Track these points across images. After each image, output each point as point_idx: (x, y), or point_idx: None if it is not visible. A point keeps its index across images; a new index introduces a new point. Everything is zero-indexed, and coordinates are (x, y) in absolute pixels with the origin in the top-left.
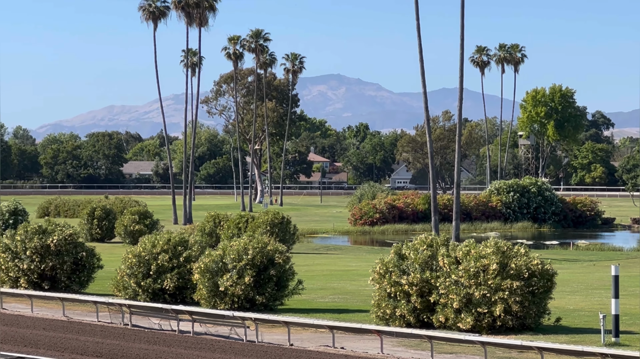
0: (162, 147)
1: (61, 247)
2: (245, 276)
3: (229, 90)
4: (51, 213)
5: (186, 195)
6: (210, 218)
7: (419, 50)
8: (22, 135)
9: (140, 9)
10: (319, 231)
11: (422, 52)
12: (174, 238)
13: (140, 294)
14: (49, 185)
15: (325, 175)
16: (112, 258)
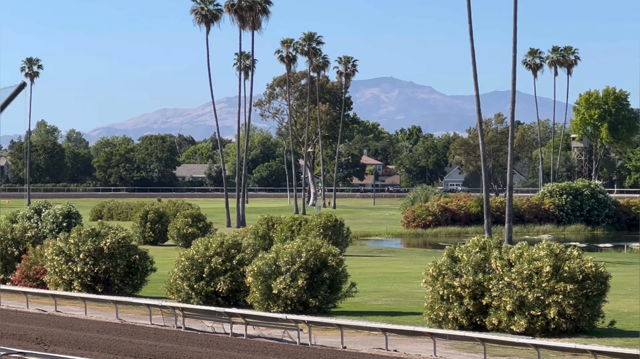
0: (215, 150)
1: (114, 250)
2: (299, 279)
3: (282, 93)
4: (104, 216)
5: (239, 198)
6: (263, 221)
7: (472, 53)
8: (75, 139)
9: (193, 12)
10: (372, 233)
11: (474, 55)
12: (227, 241)
13: (194, 297)
14: (102, 188)
15: (378, 178)
16: (165, 261)
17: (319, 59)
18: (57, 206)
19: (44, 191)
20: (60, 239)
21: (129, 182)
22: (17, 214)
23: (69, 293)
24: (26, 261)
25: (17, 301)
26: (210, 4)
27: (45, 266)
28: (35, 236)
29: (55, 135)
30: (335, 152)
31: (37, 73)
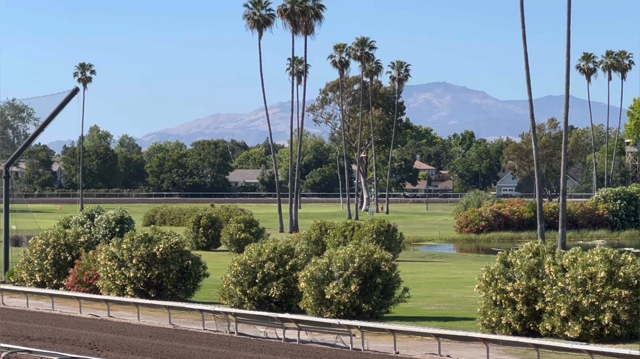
0: (267, 155)
1: (167, 255)
2: (351, 284)
3: (334, 98)
4: (157, 221)
5: (292, 203)
6: (316, 226)
7: (525, 57)
8: (128, 144)
9: (245, 17)
10: (425, 239)
11: (527, 60)
12: (279, 246)
13: (246, 302)
14: (155, 193)
15: (431, 183)
16: (218, 267)
17: (371, 63)
18: (110, 211)
19: (97, 197)
20: (113, 244)
21: (182, 187)
22: (70, 219)
23: (121, 298)
24: (79, 266)
25: (70, 306)
26: (262, 9)
27: (98, 271)
28: (88, 242)
29: (107, 141)
30: (388, 157)
31: (90, 79)
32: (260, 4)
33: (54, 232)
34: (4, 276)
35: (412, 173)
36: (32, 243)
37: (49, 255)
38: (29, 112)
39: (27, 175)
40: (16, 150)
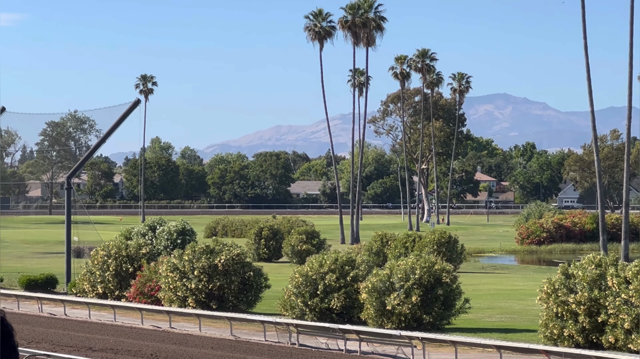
0: (329, 166)
1: (229, 267)
2: (413, 295)
3: (396, 109)
4: (218, 233)
5: (353, 215)
6: (377, 238)
7: (587, 68)
8: (189, 156)
9: (306, 29)
10: (486, 250)
11: (589, 71)
12: (341, 257)
13: (308, 313)
14: (217, 205)
15: (492, 194)
16: (280, 278)
17: (432, 75)
18: (172, 223)
19: (159, 208)
20: (174, 256)
21: (244, 199)
22: (131, 231)
23: (183, 309)
24: (141, 277)
25: (132, 317)
26: (323, 20)
27: (160, 282)
28: (150, 253)
29: (169, 152)
30: (449, 169)
31: (151, 90)
32: (322, 16)
33: (116, 244)
34: (66, 288)
35: (472, 185)
36: (94, 254)
37: (110, 266)
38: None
39: (89, 186)
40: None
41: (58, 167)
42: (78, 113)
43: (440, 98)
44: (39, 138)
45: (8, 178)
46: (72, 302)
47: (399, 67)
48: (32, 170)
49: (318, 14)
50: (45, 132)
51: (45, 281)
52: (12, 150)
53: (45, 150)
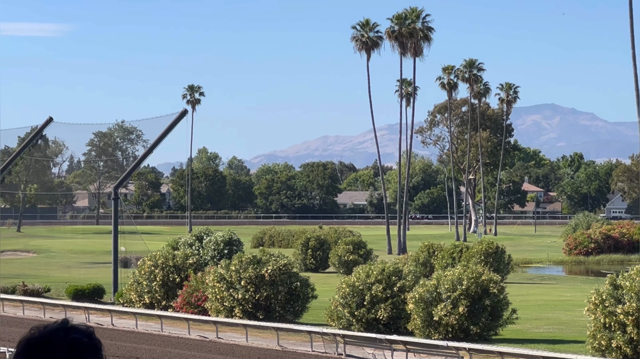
0: (376, 177)
1: (275, 277)
2: (460, 306)
3: (443, 120)
4: (265, 243)
5: (400, 225)
6: (424, 248)
7: (635, 78)
8: (236, 166)
9: (353, 39)
10: (533, 261)
11: (637, 81)
12: (388, 268)
13: (354, 324)
14: (263, 215)
15: (539, 205)
16: (326, 288)
17: (479, 85)
18: (219, 233)
19: (205, 219)
20: (221, 266)
21: (290, 209)
22: (178, 241)
23: (230, 319)
24: (188, 288)
25: (179, 327)
26: (370, 31)
27: (207, 293)
28: (197, 263)
29: (216, 163)
30: (496, 179)
31: (198, 101)
32: (369, 26)
33: (163, 254)
34: (113, 298)
35: (520, 195)
36: (141, 264)
37: (157, 276)
38: (138, 133)
39: (136, 196)
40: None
41: (105, 177)
42: (125, 124)
43: (488, 108)
44: (86, 148)
45: (55, 188)
46: (119, 312)
47: (446, 77)
48: (79, 180)
49: (365, 24)
50: (92, 142)
51: (92, 291)
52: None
53: (93, 160)
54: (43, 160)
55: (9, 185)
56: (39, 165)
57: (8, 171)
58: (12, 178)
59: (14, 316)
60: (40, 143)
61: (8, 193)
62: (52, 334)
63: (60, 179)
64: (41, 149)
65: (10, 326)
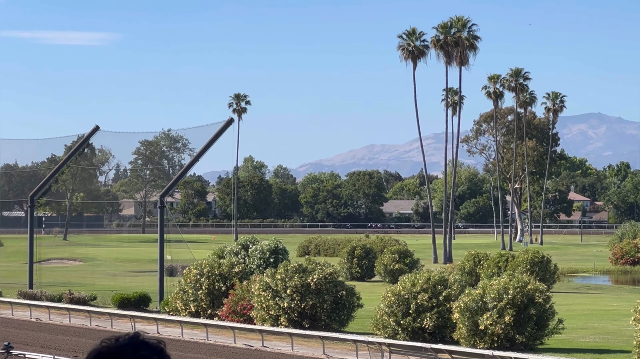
0: (422, 186)
1: (321, 286)
2: (505, 315)
3: (489, 129)
4: (311, 251)
5: (446, 234)
6: (470, 257)
7: None
8: (282, 174)
9: (400, 48)
10: (580, 270)
11: None
12: (433, 277)
13: (400, 333)
14: (309, 223)
15: (586, 214)
16: (372, 297)
17: (525, 94)
18: (264, 242)
19: (251, 227)
20: (267, 275)
21: (336, 218)
22: (224, 250)
23: (275, 328)
24: (233, 296)
25: (225, 336)
26: (417, 40)
27: (252, 301)
28: (243, 272)
29: (262, 171)
30: (542, 188)
31: (244, 109)
32: (415, 35)
33: (209, 262)
34: (159, 306)
35: (566, 204)
36: (186, 273)
37: (203, 284)
38: (184, 142)
39: (182, 205)
40: (171, 180)
41: (151, 185)
42: (172, 132)
43: (534, 117)
44: (132, 157)
45: (102, 196)
46: (164, 320)
47: (492, 86)
48: (125, 188)
49: (411, 33)
50: (138, 150)
51: (138, 300)
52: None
53: (139, 168)
54: (89, 169)
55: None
56: (86, 173)
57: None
58: (58, 186)
59: (60, 324)
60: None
61: (55, 202)
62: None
63: (106, 187)
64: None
65: (57, 334)
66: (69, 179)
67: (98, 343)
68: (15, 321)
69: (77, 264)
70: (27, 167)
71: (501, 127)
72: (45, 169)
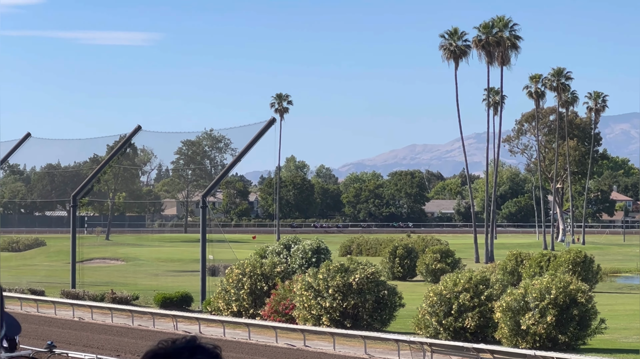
0: (463, 185)
1: (363, 285)
2: (548, 315)
3: (530, 128)
4: (353, 251)
5: (488, 234)
6: (511, 257)
7: None
8: (324, 174)
9: (441, 48)
10: (622, 270)
11: None
12: (475, 276)
13: (442, 332)
14: (351, 223)
15: (628, 214)
16: (414, 297)
17: (567, 94)
18: (307, 241)
19: (294, 227)
20: (309, 274)
21: (378, 218)
22: (266, 249)
23: (317, 328)
24: (275, 296)
25: (267, 335)
26: (459, 39)
27: (294, 301)
28: (285, 272)
29: (304, 171)
30: (584, 188)
31: (286, 109)
32: (457, 35)
33: (251, 262)
34: (201, 306)
35: (608, 204)
36: (229, 272)
37: (245, 284)
38: (226, 142)
39: (224, 205)
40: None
41: (193, 185)
42: (214, 132)
43: (576, 117)
44: (174, 156)
45: (144, 196)
46: (206, 320)
47: (533, 86)
48: (167, 188)
49: (453, 33)
50: (180, 150)
51: (180, 299)
52: (148, 169)
53: (181, 168)
54: (132, 169)
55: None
56: (128, 173)
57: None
58: (101, 186)
59: (102, 324)
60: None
61: (97, 202)
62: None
63: (148, 187)
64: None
65: (99, 334)
66: (111, 179)
67: (155, 343)
68: (58, 321)
69: (120, 264)
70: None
71: (543, 127)
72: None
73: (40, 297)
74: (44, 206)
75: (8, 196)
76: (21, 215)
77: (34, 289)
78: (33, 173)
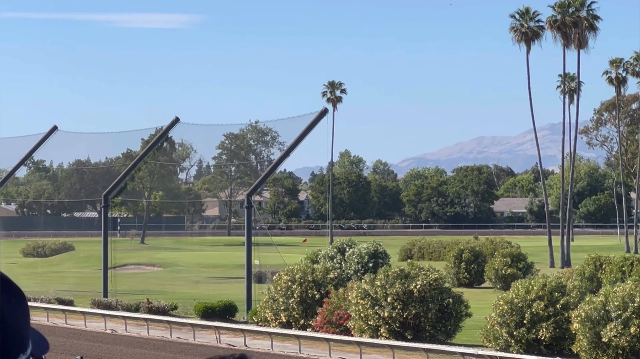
0: (536, 182)
1: (425, 293)
2: (631, 326)
3: (610, 118)
4: (414, 255)
5: (564, 235)
6: (590, 261)
7: None
8: (382, 170)
9: (512, 29)
10: None
11: None
12: (550, 283)
13: (513, 345)
14: (412, 224)
15: None
16: (482, 305)
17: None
18: (363, 244)
19: (348, 229)
20: (365, 281)
21: (442, 218)
22: (318, 254)
23: (375, 340)
24: (328, 305)
25: (319, 349)
26: (531, 20)
27: (349, 310)
28: (338, 278)
29: (360, 167)
30: None
31: (340, 99)
32: (529, 15)
33: (301, 268)
34: (246, 316)
35: None
36: (276, 279)
37: (295, 292)
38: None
39: (271, 204)
40: (259, 177)
41: (237, 183)
42: (259, 124)
43: None
44: (216, 151)
45: (183, 195)
46: (252, 332)
47: (614, 71)
48: (208, 186)
49: (525, 13)
50: (223, 144)
51: (223, 309)
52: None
53: (224, 164)
54: (169, 165)
55: (132, 192)
56: (165, 170)
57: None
58: (135, 184)
59: (137, 336)
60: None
61: (131, 201)
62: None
63: (187, 186)
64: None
65: (134, 348)
66: (147, 176)
67: None
68: (88, 333)
69: (156, 270)
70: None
71: (624, 116)
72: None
73: (68, 307)
74: (72, 207)
75: (33, 196)
76: (47, 216)
77: (61, 298)
78: (60, 170)
